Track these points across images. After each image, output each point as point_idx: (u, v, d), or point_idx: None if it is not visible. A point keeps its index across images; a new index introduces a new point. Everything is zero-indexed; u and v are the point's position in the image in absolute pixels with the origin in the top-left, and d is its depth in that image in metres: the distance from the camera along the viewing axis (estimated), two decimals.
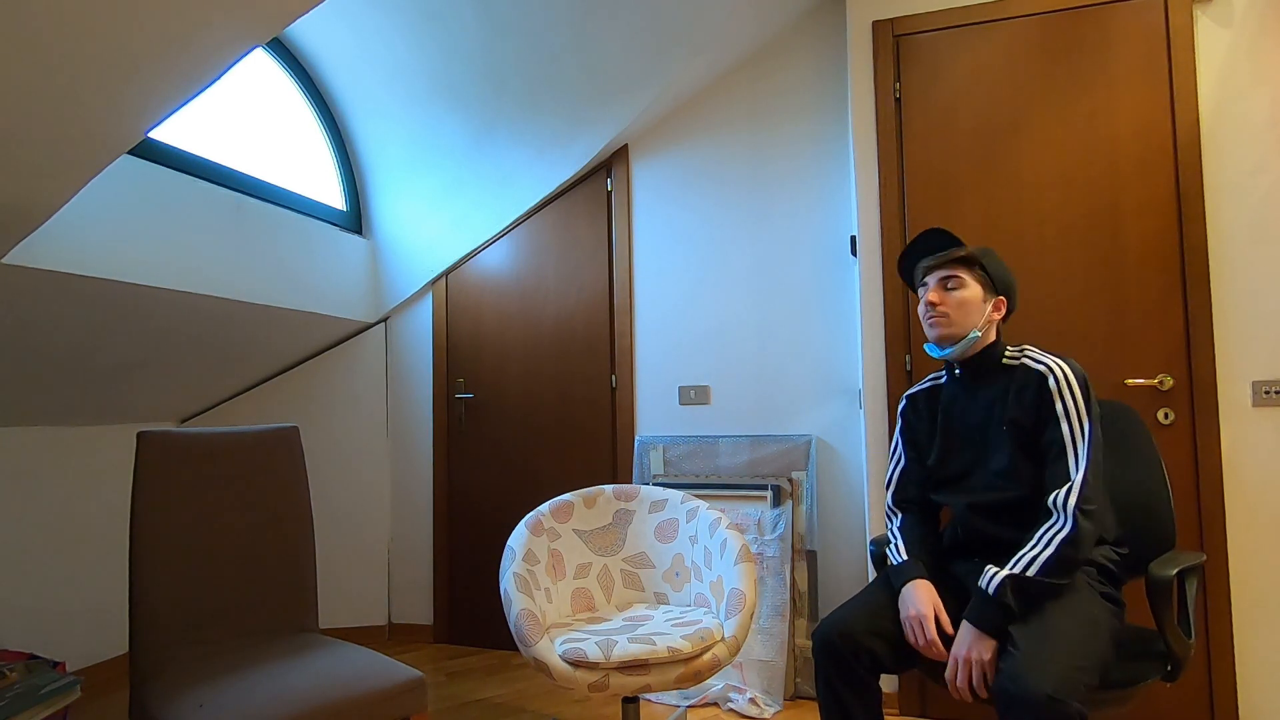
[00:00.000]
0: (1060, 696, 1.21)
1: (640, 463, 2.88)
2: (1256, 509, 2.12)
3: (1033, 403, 1.54)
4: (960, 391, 1.69)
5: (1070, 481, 1.45)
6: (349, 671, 1.61)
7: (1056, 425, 1.51)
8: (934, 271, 1.66)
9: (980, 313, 1.63)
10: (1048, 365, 1.56)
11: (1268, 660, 2.10)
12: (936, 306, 1.63)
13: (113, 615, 2.87)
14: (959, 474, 1.67)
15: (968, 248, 1.66)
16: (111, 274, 2.06)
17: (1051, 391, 1.52)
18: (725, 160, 2.88)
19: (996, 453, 1.59)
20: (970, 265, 1.64)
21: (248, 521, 1.96)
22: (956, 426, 1.68)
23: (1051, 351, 1.62)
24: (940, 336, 1.64)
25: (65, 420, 2.70)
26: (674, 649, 1.73)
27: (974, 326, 1.62)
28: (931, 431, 1.74)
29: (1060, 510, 1.43)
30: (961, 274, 1.63)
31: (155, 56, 1.39)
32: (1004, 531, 1.56)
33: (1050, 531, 1.43)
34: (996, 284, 1.65)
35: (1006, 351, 1.64)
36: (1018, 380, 1.58)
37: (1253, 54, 2.18)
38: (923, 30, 2.44)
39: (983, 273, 1.64)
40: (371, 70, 2.96)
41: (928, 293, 1.66)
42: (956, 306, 1.62)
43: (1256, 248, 2.15)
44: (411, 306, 3.33)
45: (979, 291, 1.63)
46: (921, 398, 1.79)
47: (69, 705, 2.18)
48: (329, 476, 3.29)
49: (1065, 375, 1.53)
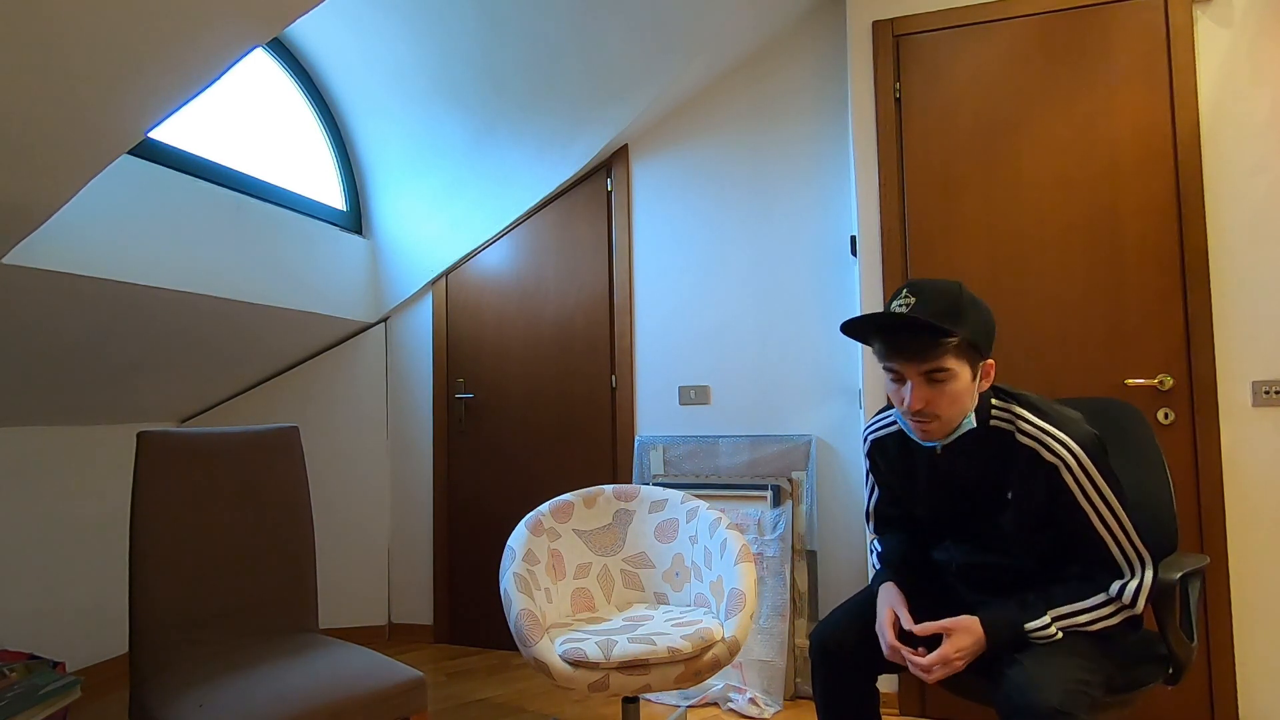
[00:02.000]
0: (1066, 709, 1.19)
1: (640, 463, 2.88)
2: (1256, 509, 2.12)
3: (1044, 491, 1.35)
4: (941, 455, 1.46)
5: (1138, 578, 1.34)
6: (349, 671, 1.61)
7: (1085, 520, 1.34)
8: (909, 363, 1.33)
9: (972, 394, 1.36)
10: (1055, 454, 1.33)
11: (1268, 661, 2.10)
12: (925, 410, 1.33)
13: (113, 615, 2.87)
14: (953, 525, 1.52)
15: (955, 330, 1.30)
16: (112, 274, 2.06)
17: (1068, 485, 1.33)
18: (725, 160, 2.88)
19: (999, 516, 1.42)
20: (959, 349, 1.31)
21: (248, 521, 1.96)
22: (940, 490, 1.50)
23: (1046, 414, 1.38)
24: (930, 437, 1.38)
25: (65, 420, 2.70)
26: (674, 649, 1.73)
27: (967, 412, 1.36)
28: (908, 479, 1.55)
29: (1130, 603, 1.33)
30: (949, 364, 1.31)
31: (155, 56, 1.39)
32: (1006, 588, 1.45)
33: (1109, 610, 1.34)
34: (984, 345, 1.35)
35: (993, 412, 1.40)
36: (1020, 462, 1.36)
37: (1253, 54, 2.18)
38: (923, 30, 2.44)
39: (970, 348, 1.33)
40: (371, 70, 2.96)
41: (908, 388, 1.34)
42: (950, 404, 1.33)
43: (1256, 248, 2.15)
44: (411, 306, 3.33)
45: (969, 372, 1.34)
46: (890, 443, 1.56)
47: (69, 705, 2.18)
48: (329, 476, 3.28)
49: (1079, 463, 1.32)
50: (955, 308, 1.32)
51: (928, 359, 1.31)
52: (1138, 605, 1.34)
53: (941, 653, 1.34)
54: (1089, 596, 1.35)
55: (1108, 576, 1.36)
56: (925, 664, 1.35)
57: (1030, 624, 1.34)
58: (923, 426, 1.37)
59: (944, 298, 1.33)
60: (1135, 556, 1.35)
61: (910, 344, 1.32)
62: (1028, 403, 1.40)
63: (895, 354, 1.34)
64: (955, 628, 1.36)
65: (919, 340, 1.31)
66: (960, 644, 1.35)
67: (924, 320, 1.28)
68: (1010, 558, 1.44)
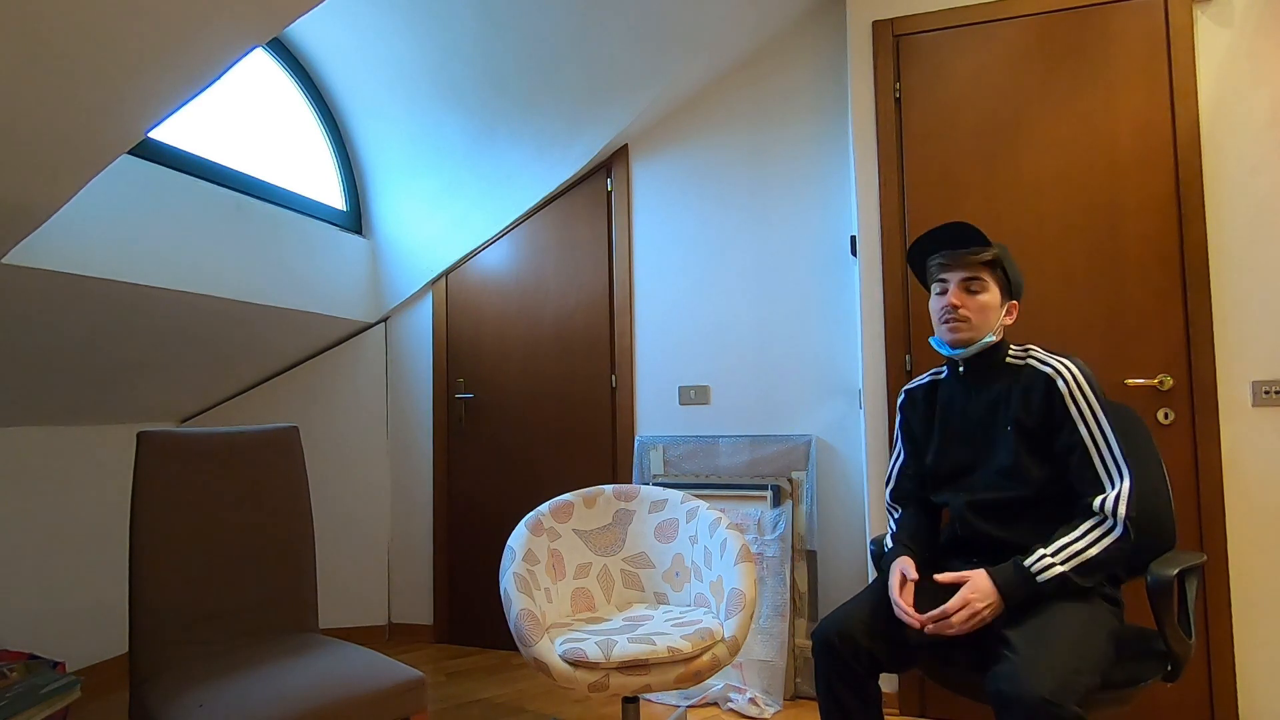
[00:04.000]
0: (1057, 700, 1.20)
1: (640, 463, 2.88)
2: (1256, 509, 2.12)
3: (1041, 405, 1.54)
4: (961, 389, 1.68)
5: (1116, 488, 1.45)
6: (349, 671, 1.61)
7: (1073, 429, 1.50)
8: (954, 270, 1.61)
9: (997, 316, 1.61)
10: (1054, 367, 1.54)
11: (1268, 660, 2.10)
12: (958, 310, 1.60)
13: (113, 615, 2.87)
14: (958, 471, 1.66)
15: (993, 248, 1.61)
16: (112, 274, 2.06)
17: (1062, 394, 1.52)
18: (725, 160, 2.88)
19: (999, 452, 1.58)
20: (993, 267, 1.61)
21: (248, 521, 1.96)
22: (956, 424, 1.68)
23: (1056, 351, 1.60)
24: (958, 340, 1.62)
25: (65, 420, 2.70)
26: (674, 649, 1.73)
27: (990, 330, 1.61)
28: (929, 428, 1.74)
29: (1111, 515, 1.44)
30: (985, 277, 1.60)
31: (155, 56, 1.39)
32: (1004, 531, 1.56)
33: (1098, 532, 1.44)
34: (1014, 287, 1.64)
35: (1010, 351, 1.63)
36: (1023, 381, 1.57)
37: (1253, 54, 2.18)
38: (923, 30, 2.44)
39: (1003, 275, 1.62)
40: (371, 70, 2.96)
41: (948, 292, 1.62)
42: (978, 311, 1.59)
43: (1256, 248, 2.15)
44: (411, 306, 3.33)
45: (998, 295, 1.61)
46: (920, 393, 1.78)
47: (69, 705, 2.18)
48: (329, 476, 3.29)
49: (1074, 376, 1.52)
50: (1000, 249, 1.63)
51: (968, 267, 1.60)
52: (1119, 514, 1.43)
53: (961, 596, 1.43)
54: (1078, 525, 1.46)
55: (1092, 495, 1.47)
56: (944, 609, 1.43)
57: (1026, 561, 1.43)
58: (953, 325, 1.61)
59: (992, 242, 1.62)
60: (1115, 468, 1.47)
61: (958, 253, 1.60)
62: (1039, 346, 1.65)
63: (947, 263, 1.61)
64: (969, 576, 1.45)
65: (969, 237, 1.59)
66: (978, 585, 1.43)
67: (973, 228, 1.59)
68: (1008, 490, 1.56)
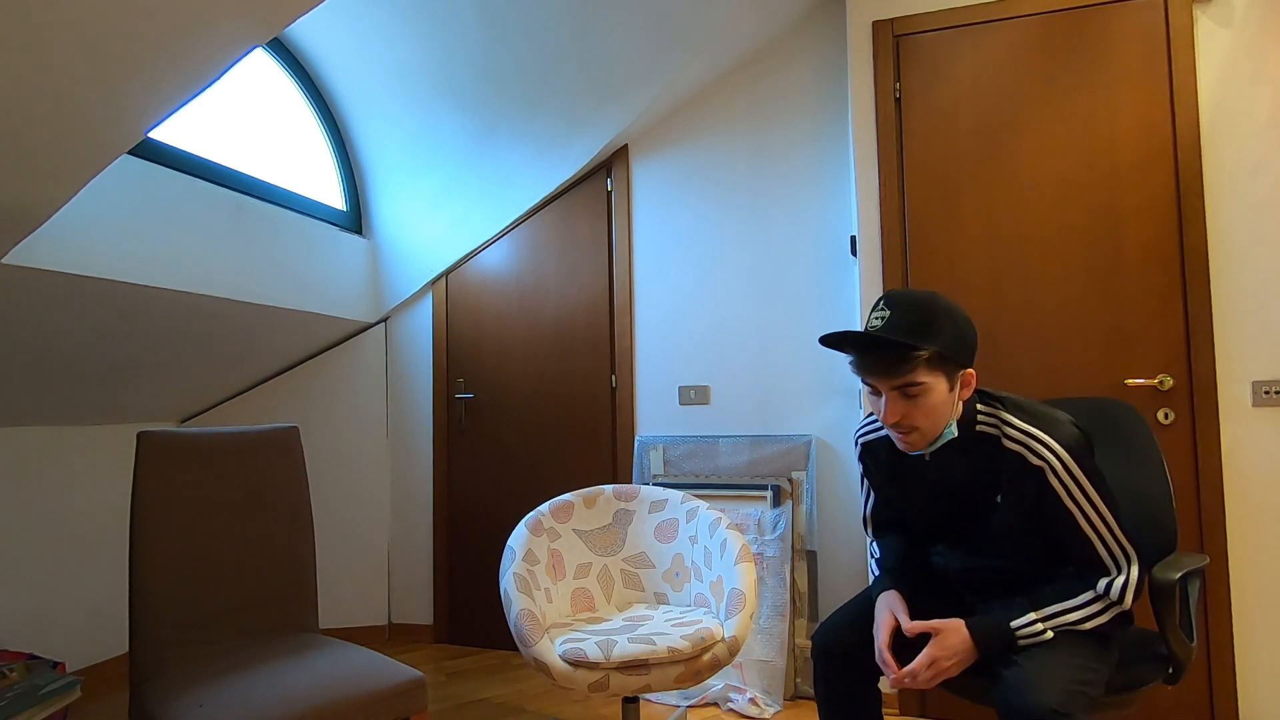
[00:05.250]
0: (1064, 710, 1.19)
1: (640, 463, 2.88)
2: (1256, 509, 2.12)
3: (1032, 492, 1.37)
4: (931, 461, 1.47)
5: (1124, 574, 1.34)
6: (349, 671, 1.61)
7: (1072, 522, 1.35)
8: (881, 379, 1.34)
9: (951, 404, 1.36)
10: (1041, 456, 1.34)
11: (1268, 661, 2.10)
12: (901, 423, 1.34)
13: (113, 615, 2.87)
14: (943, 533, 1.53)
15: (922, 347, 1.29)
16: (112, 274, 2.06)
17: (1053, 486, 1.34)
18: (725, 160, 2.88)
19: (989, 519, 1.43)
20: (930, 361, 1.31)
21: (248, 521, 1.96)
22: (930, 494, 1.50)
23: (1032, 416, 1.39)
24: (913, 449, 1.39)
25: (65, 420, 2.70)
26: (674, 649, 1.73)
27: (947, 421, 1.37)
28: (900, 484, 1.56)
29: (1118, 599, 1.34)
30: (921, 378, 1.31)
31: (155, 56, 1.39)
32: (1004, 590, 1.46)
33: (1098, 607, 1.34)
34: (960, 355, 1.34)
35: (979, 418, 1.41)
36: (1008, 467, 1.38)
37: (1253, 54, 2.18)
38: (923, 30, 2.44)
39: (942, 360, 1.32)
40: (371, 70, 2.96)
41: (883, 401, 1.35)
42: (926, 415, 1.34)
43: (1256, 248, 2.15)
44: (411, 306, 3.33)
45: (944, 383, 1.33)
46: (880, 448, 1.56)
47: (69, 705, 2.18)
48: (329, 476, 3.28)
49: (1064, 464, 1.33)
50: (927, 321, 1.32)
51: (899, 375, 1.31)
52: (1125, 600, 1.34)
53: (928, 653, 1.34)
54: (1078, 595, 1.36)
55: (1096, 576, 1.37)
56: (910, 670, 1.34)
57: (1015, 622, 1.33)
58: (903, 438, 1.38)
59: (917, 311, 1.33)
60: (1121, 554, 1.36)
61: (881, 361, 1.32)
62: (1013, 405, 1.42)
63: (867, 371, 1.34)
64: (942, 628, 1.36)
65: (889, 357, 1.31)
66: (946, 643, 1.34)
67: (890, 338, 1.30)
68: (1005, 560, 1.44)
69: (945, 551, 1.54)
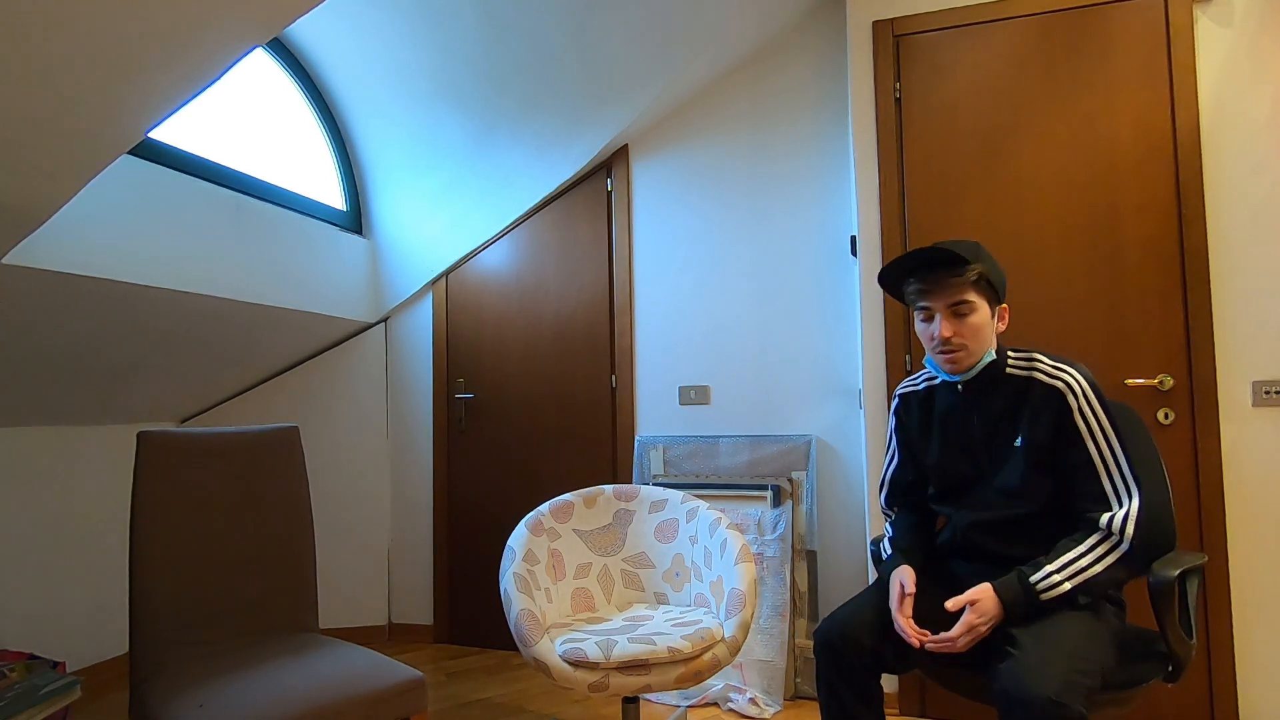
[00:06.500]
0: (1062, 699, 1.20)
1: (640, 463, 2.88)
2: (1256, 509, 2.12)
3: (1051, 422, 1.47)
4: (960, 401, 1.59)
5: (1125, 506, 1.41)
6: (349, 671, 1.61)
7: (1082, 446, 1.45)
8: (937, 297, 1.50)
9: (992, 331, 1.53)
10: (1064, 380, 1.47)
11: (1268, 660, 2.10)
12: (952, 339, 1.49)
13: (113, 615, 2.87)
14: (960, 487, 1.60)
15: (974, 263, 1.48)
16: (111, 274, 2.06)
17: (1072, 409, 1.45)
18: (725, 160, 2.88)
19: (1005, 469, 1.53)
20: (978, 284, 1.49)
21: (248, 521, 1.96)
22: (957, 436, 1.60)
23: (1058, 357, 1.53)
24: (957, 370, 1.53)
25: (65, 420, 2.70)
26: (674, 649, 1.73)
27: (988, 348, 1.52)
28: (926, 435, 1.66)
29: (1119, 534, 1.40)
30: (972, 297, 1.48)
31: (155, 56, 1.39)
32: (1009, 547, 1.52)
33: (1104, 548, 1.40)
34: (1000, 291, 1.53)
35: (1010, 360, 1.55)
36: (1033, 398, 1.49)
37: (1253, 54, 2.18)
38: (923, 30, 2.44)
39: (988, 285, 1.51)
40: (371, 70, 2.96)
41: (937, 321, 1.51)
42: (973, 335, 1.49)
43: (1256, 248, 2.15)
44: (411, 306, 3.33)
45: (988, 310, 1.51)
46: (915, 399, 1.70)
47: (69, 705, 2.18)
48: (329, 476, 3.29)
49: (1083, 390, 1.46)
50: (973, 250, 1.50)
51: (953, 290, 1.48)
52: (1126, 534, 1.40)
53: (966, 621, 1.40)
54: (1086, 540, 1.42)
55: (1099, 512, 1.43)
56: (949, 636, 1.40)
57: (1033, 578, 1.40)
58: (951, 357, 1.52)
59: (962, 244, 1.50)
60: (1124, 487, 1.43)
61: (939, 277, 1.49)
62: (1040, 351, 1.57)
63: (927, 289, 1.50)
64: (976, 596, 1.42)
65: (946, 272, 1.48)
66: (982, 609, 1.40)
67: (950, 250, 1.46)
68: (1013, 509, 1.52)
69: (956, 507, 1.61)
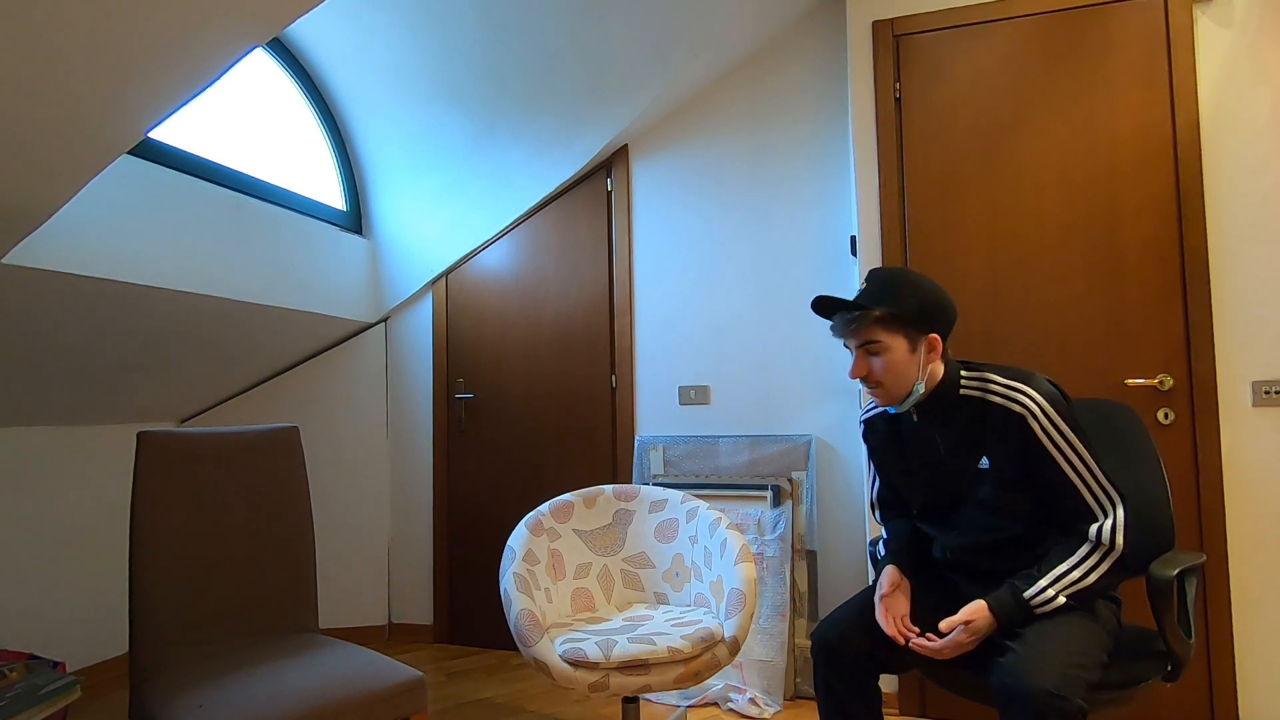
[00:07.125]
0: (1061, 692, 1.21)
1: (640, 463, 2.88)
2: (1256, 509, 2.12)
3: (1017, 444, 1.45)
4: (922, 427, 1.57)
5: (1111, 516, 1.41)
6: (349, 671, 1.61)
7: (1056, 467, 1.43)
8: (849, 336, 1.52)
9: (914, 364, 1.49)
10: (1021, 404, 1.44)
11: (1268, 660, 2.10)
12: (867, 378, 1.51)
13: (113, 615, 2.87)
14: (940, 508, 1.59)
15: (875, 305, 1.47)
16: (111, 274, 2.06)
17: (1035, 433, 1.43)
18: (725, 160, 2.88)
19: (979, 488, 1.51)
20: (887, 323, 1.47)
21: (248, 521, 1.96)
22: (924, 464, 1.58)
23: (1012, 373, 1.49)
24: (884, 404, 1.56)
25: (65, 420, 2.70)
26: (674, 649, 1.73)
27: (914, 381, 1.50)
28: (896, 462, 1.65)
29: (1109, 542, 1.39)
30: (878, 336, 1.48)
31: (155, 56, 1.39)
32: (1002, 563, 1.51)
33: (1096, 557, 1.40)
34: (921, 321, 1.49)
35: (962, 382, 1.52)
36: (993, 420, 1.47)
37: (1253, 54, 2.18)
38: (923, 30, 2.44)
39: (899, 322, 1.47)
40: (371, 70, 2.96)
41: (852, 361, 1.54)
42: (886, 372, 1.49)
43: (1256, 248, 2.15)
44: (411, 306, 3.33)
45: (904, 344, 1.48)
46: (880, 422, 1.68)
47: (69, 705, 2.18)
48: (329, 476, 3.29)
49: (1043, 410, 1.43)
50: (889, 288, 1.50)
51: (861, 332, 1.50)
52: (1116, 543, 1.40)
53: (954, 639, 1.41)
54: (1076, 550, 1.42)
55: (1086, 524, 1.43)
56: (936, 646, 1.41)
57: (1027, 593, 1.39)
58: (870, 393, 1.55)
59: (881, 280, 1.52)
60: (1105, 497, 1.43)
61: (842, 321, 1.52)
62: (994, 368, 1.54)
63: (835, 330, 1.55)
64: (969, 617, 1.41)
65: (847, 315, 1.51)
66: (976, 629, 1.40)
67: (843, 300, 1.50)
68: (994, 533, 1.51)
69: (940, 533, 1.60)
